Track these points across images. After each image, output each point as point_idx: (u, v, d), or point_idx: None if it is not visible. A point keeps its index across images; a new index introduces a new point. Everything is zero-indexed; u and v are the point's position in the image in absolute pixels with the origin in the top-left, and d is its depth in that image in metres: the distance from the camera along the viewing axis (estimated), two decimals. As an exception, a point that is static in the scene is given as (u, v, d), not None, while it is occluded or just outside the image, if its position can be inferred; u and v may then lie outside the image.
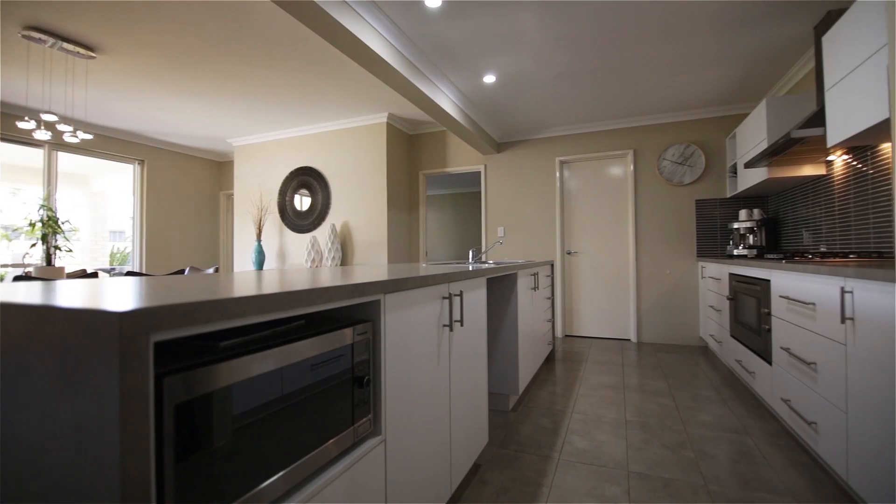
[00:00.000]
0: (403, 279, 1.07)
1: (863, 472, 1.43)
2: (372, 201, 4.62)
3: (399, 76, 2.87)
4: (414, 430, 1.17)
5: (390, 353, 1.05)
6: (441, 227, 8.65)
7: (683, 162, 4.27)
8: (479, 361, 1.74)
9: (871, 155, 2.40)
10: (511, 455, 1.93)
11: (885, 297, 1.30)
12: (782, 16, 2.57)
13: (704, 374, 3.21)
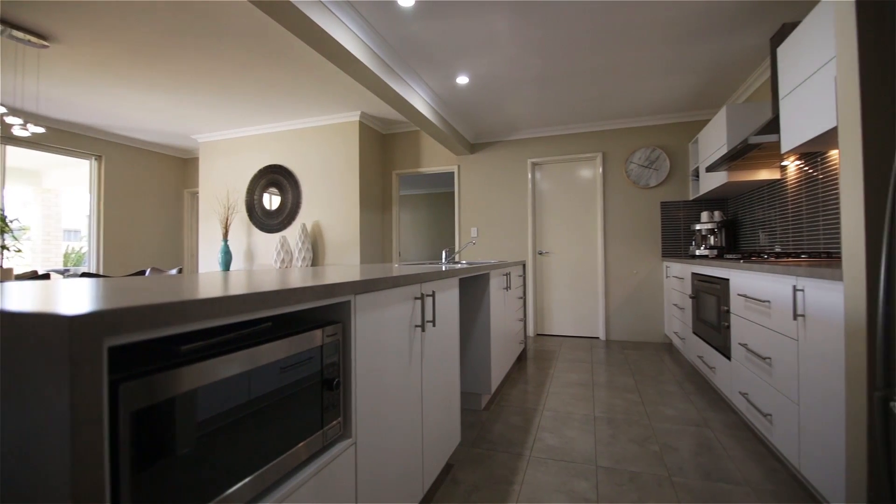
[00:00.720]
0: (374, 280, 1.06)
1: (813, 460, 1.51)
2: (344, 201, 4.56)
3: (372, 75, 2.85)
4: (385, 431, 1.16)
5: (361, 355, 1.04)
6: (414, 228, 8.62)
7: (649, 165, 4.42)
8: (452, 361, 1.75)
9: (821, 161, 2.54)
10: (483, 454, 1.94)
11: (833, 295, 1.38)
12: (741, 27, 2.70)
13: (669, 370, 3.33)
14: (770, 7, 2.48)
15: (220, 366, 0.68)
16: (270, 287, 0.77)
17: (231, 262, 4.77)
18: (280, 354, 0.81)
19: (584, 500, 1.58)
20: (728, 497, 1.60)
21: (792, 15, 2.55)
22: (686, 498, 1.59)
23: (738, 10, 2.50)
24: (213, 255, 5.13)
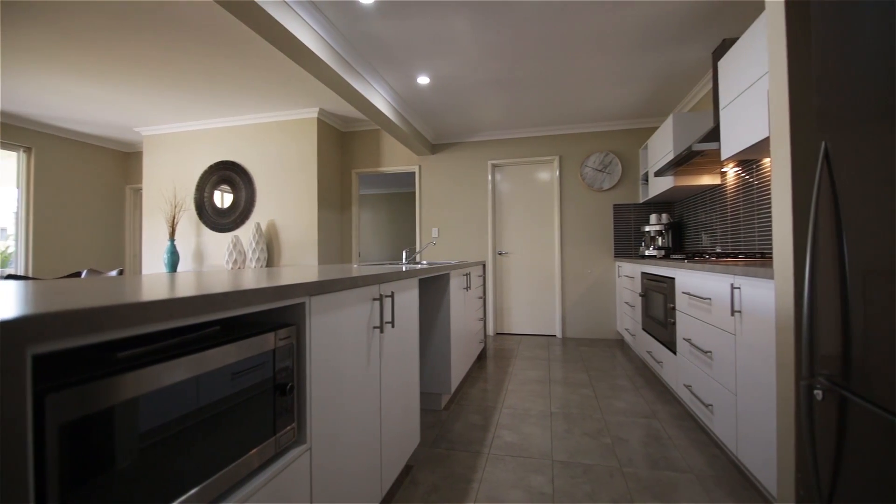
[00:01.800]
0: (330, 281, 1.04)
1: (749, 446, 1.63)
2: (301, 199, 4.43)
3: (330, 71, 2.79)
4: (342, 435, 1.14)
5: (316, 358, 1.02)
6: (375, 228, 8.52)
7: (603, 169, 4.60)
8: (411, 362, 1.74)
9: (756, 168, 2.74)
10: (443, 454, 1.95)
11: (766, 292, 1.49)
12: (686, 41, 2.86)
13: (621, 365, 3.48)
14: (711, 23, 2.65)
15: (162, 373, 0.64)
16: (218, 289, 0.74)
17: (178, 263, 4.51)
18: (228, 360, 0.77)
19: (541, 494, 1.61)
20: (674, 484, 1.69)
21: (731, 31, 2.74)
22: (635, 487, 1.66)
23: (683, 24, 2.65)
24: (159, 256, 4.84)
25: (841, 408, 0.94)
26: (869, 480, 0.87)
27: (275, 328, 0.90)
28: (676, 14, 2.54)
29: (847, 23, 0.92)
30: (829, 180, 0.98)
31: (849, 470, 0.92)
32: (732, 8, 2.48)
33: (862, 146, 0.88)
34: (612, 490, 1.65)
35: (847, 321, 0.92)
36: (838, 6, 0.95)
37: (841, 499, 0.95)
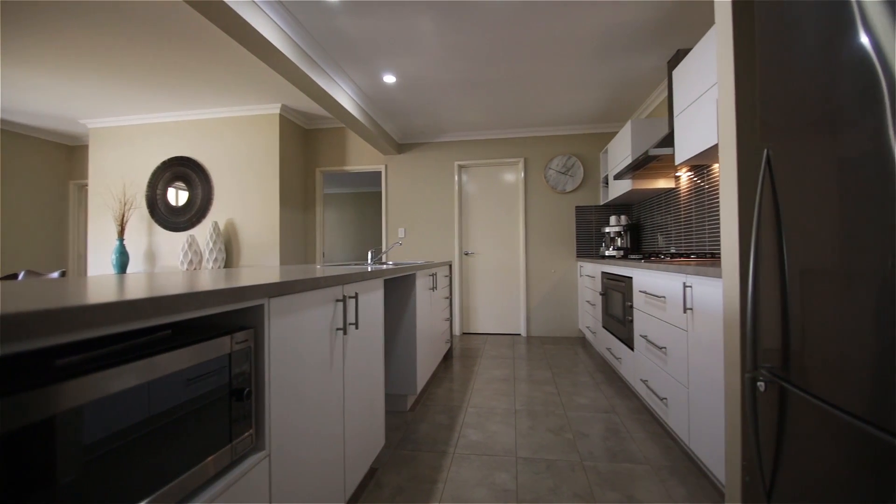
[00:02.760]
0: (291, 282, 1.01)
1: (700, 436, 1.71)
2: (262, 198, 4.29)
3: (293, 67, 2.71)
4: (303, 440, 1.11)
5: (276, 362, 0.99)
6: (340, 227, 8.37)
7: (566, 172, 4.72)
8: (376, 364, 1.72)
9: (706, 173, 2.89)
10: (408, 455, 1.94)
11: (715, 291, 1.57)
12: (643, 49, 2.98)
13: (582, 362, 3.58)
14: (666, 33, 2.77)
15: (106, 380, 0.60)
16: (169, 291, 0.70)
17: (128, 263, 4.26)
18: (180, 365, 0.74)
19: (505, 492, 1.64)
20: (631, 475, 1.75)
21: (685, 42, 2.87)
22: (595, 480, 1.72)
23: (640, 33, 2.76)
24: (106, 257, 4.56)
25: (781, 398, 1.01)
26: (806, 464, 0.93)
27: (231, 331, 0.87)
28: (634, 24, 2.64)
29: (787, 41, 0.99)
30: (770, 185, 1.05)
31: (788, 455, 0.99)
32: (685, 20, 2.61)
33: (800, 153, 0.95)
34: (573, 484, 1.69)
35: (786, 317, 0.99)
36: (779, 26, 1.02)
37: (782, 483, 1.01)
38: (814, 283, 0.89)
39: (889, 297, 0.71)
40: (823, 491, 0.87)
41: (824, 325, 0.86)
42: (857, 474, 0.78)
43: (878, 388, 0.73)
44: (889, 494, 0.71)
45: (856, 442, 0.78)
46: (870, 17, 0.74)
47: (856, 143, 0.78)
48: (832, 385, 0.84)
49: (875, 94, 0.74)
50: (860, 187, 0.77)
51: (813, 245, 0.90)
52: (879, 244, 0.73)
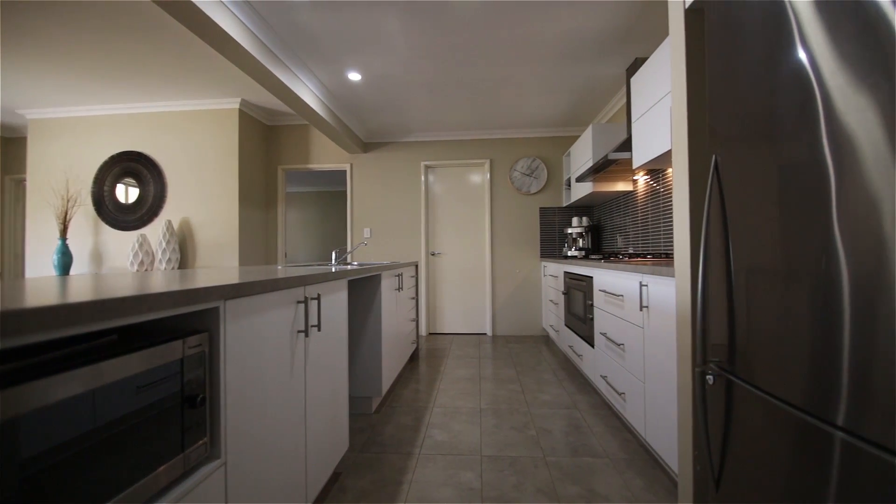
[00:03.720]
0: (249, 283, 0.98)
1: (655, 429, 1.79)
2: (220, 196, 4.13)
3: (254, 62, 2.62)
4: (262, 447, 1.08)
5: (232, 366, 0.95)
6: (304, 227, 8.17)
7: (530, 174, 4.81)
8: (340, 366, 1.69)
9: (662, 177, 3.02)
10: (373, 458, 1.92)
11: (668, 289, 1.65)
12: (604, 57, 3.08)
13: (546, 360, 3.66)
14: (625, 42, 2.87)
15: (42, 390, 0.56)
16: (115, 293, 0.66)
17: (71, 264, 3.99)
18: (127, 372, 0.69)
19: (469, 490, 1.65)
20: (592, 469, 1.81)
21: (643, 50, 2.99)
22: (557, 475, 1.76)
23: (601, 41, 2.85)
24: (47, 257, 4.24)
25: (728, 390, 1.07)
26: (750, 452, 0.99)
27: (184, 336, 0.83)
28: (595, 31, 2.73)
29: (734, 54, 1.05)
30: (718, 190, 1.11)
31: (735, 444, 1.05)
32: (643, 30, 2.72)
33: (745, 161, 1.01)
34: (536, 479, 1.72)
35: (732, 314, 1.05)
36: (727, 39, 1.08)
37: (729, 470, 1.07)
38: (757, 281, 0.95)
39: (823, 294, 0.77)
40: (766, 477, 0.93)
41: (766, 322, 0.92)
42: (797, 460, 0.83)
43: (814, 380, 0.79)
44: (825, 478, 0.76)
45: (795, 430, 0.84)
46: (807, 35, 0.80)
47: (794, 152, 0.84)
48: (773, 377, 0.90)
49: (811, 107, 0.79)
50: (798, 193, 0.83)
51: (756, 246, 0.96)
52: (815, 245, 0.79)
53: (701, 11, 1.34)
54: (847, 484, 0.71)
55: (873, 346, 0.67)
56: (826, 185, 0.76)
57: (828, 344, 0.75)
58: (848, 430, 0.71)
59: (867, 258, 0.68)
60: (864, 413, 0.68)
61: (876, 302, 0.66)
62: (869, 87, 0.67)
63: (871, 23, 0.67)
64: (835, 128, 0.74)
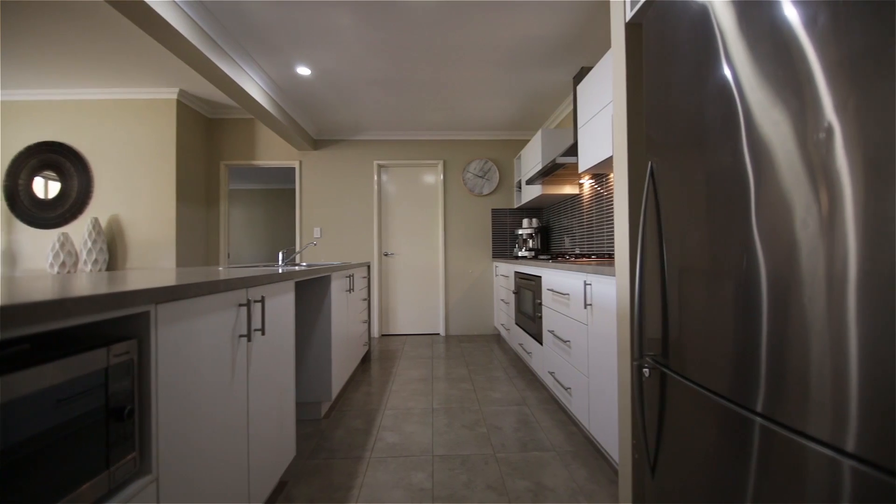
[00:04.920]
0: (183, 286, 0.92)
1: (599, 421, 1.87)
2: (155, 192, 3.85)
3: (194, 51, 2.47)
4: (199, 459, 1.02)
5: (165, 375, 0.89)
6: (249, 227, 7.80)
7: (483, 175, 4.89)
8: (286, 371, 1.63)
9: (605, 181, 3.18)
10: (321, 464, 1.87)
11: (610, 288, 1.73)
12: (552, 64, 3.19)
13: (497, 358, 3.73)
14: (572, 51, 2.99)
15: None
16: (27, 297, 0.60)
17: (-23, 265, 3.57)
18: (40, 384, 0.63)
19: (421, 491, 1.65)
20: (540, 462, 1.86)
21: (588, 60, 3.13)
22: (507, 470, 1.80)
23: (550, 48, 2.95)
24: (-54, 257, 3.77)
25: (662, 382, 1.14)
26: (682, 439, 1.06)
27: (109, 343, 0.77)
28: (545, 38, 2.82)
29: (667, 66, 1.12)
30: (653, 195, 1.18)
31: (668, 433, 1.12)
32: (589, 40, 2.84)
33: (676, 167, 1.08)
34: (487, 476, 1.75)
35: (666, 310, 1.12)
36: (662, 52, 1.15)
37: (663, 457, 1.14)
38: (687, 280, 1.02)
39: (744, 291, 0.83)
40: (695, 461, 1.00)
41: (695, 317, 0.99)
42: (722, 445, 0.90)
43: (736, 370, 0.86)
44: (746, 459, 0.83)
45: (720, 417, 0.91)
46: (731, 53, 0.87)
47: (719, 160, 0.91)
48: (702, 369, 0.97)
49: (734, 119, 0.86)
50: (722, 197, 0.90)
51: (687, 247, 1.03)
52: (736, 246, 0.86)
53: (640, 26, 1.43)
54: (765, 464, 0.78)
55: (786, 338, 0.73)
56: (746, 191, 0.83)
57: (748, 337, 0.82)
58: (766, 415, 0.78)
59: (781, 257, 0.75)
60: (779, 400, 0.75)
61: (789, 298, 0.73)
62: (783, 103, 0.74)
63: (785, 44, 0.74)
64: (754, 138, 0.81)
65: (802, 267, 0.70)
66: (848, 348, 0.62)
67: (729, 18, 0.87)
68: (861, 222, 0.61)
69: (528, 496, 1.62)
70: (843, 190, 0.63)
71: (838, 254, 0.64)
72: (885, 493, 0.58)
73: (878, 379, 0.59)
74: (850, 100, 0.63)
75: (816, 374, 0.68)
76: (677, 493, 1.07)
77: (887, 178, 0.57)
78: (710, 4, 0.93)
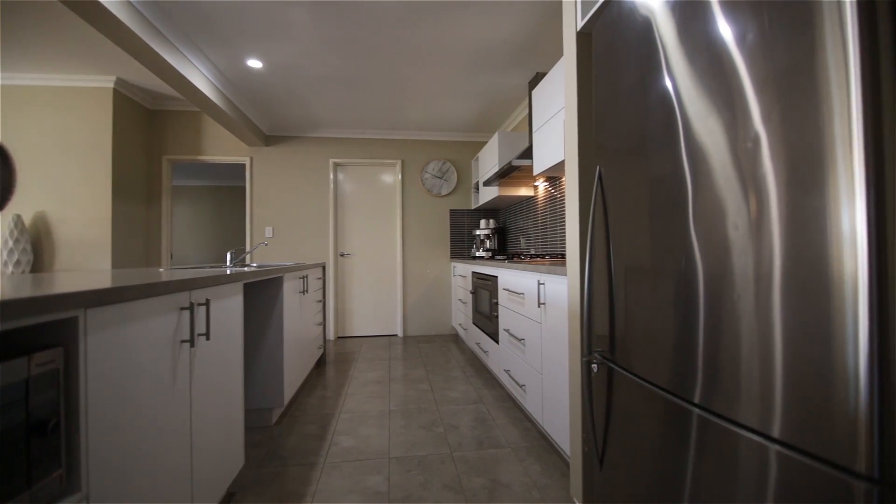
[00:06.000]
0: (117, 289, 0.85)
1: (552, 417, 1.93)
2: (88, 188, 3.56)
3: (134, 38, 2.30)
4: (136, 473, 0.95)
5: (96, 385, 0.82)
6: (196, 226, 7.39)
7: (441, 176, 4.90)
8: (233, 377, 1.56)
9: (558, 183, 3.28)
10: (273, 472, 1.80)
11: (562, 287, 1.79)
12: (509, 68, 3.25)
13: (455, 358, 3.75)
14: (527, 56, 3.06)
15: None
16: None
17: None
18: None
19: (377, 493, 1.62)
20: (496, 459, 1.89)
21: (544, 66, 3.21)
22: (463, 469, 1.81)
23: (507, 52, 3.00)
24: None
25: (609, 377, 1.19)
26: (627, 430, 1.11)
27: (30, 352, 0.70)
28: (502, 43, 2.86)
29: (615, 76, 1.17)
30: (601, 198, 1.23)
31: (615, 425, 1.17)
32: (544, 46, 2.92)
33: (622, 172, 1.13)
34: (443, 476, 1.76)
35: (613, 308, 1.17)
36: (609, 62, 1.20)
37: (611, 448, 1.19)
38: (632, 279, 1.07)
39: (683, 289, 0.89)
40: (640, 451, 1.05)
41: (639, 314, 1.05)
42: (664, 435, 0.96)
43: (676, 364, 0.91)
44: (685, 447, 0.88)
45: (662, 409, 0.96)
46: (672, 64, 0.92)
47: (660, 165, 0.96)
48: (645, 363, 1.02)
49: (673, 127, 0.92)
50: (663, 200, 0.95)
51: (632, 247, 1.08)
52: (677, 247, 0.91)
53: (590, 35, 1.48)
54: (702, 452, 0.84)
55: (720, 333, 0.79)
56: (685, 195, 0.88)
57: (686, 332, 0.88)
58: (702, 406, 0.84)
59: (715, 257, 0.80)
60: (714, 391, 0.81)
61: (722, 295, 0.78)
62: (717, 113, 0.80)
63: (719, 58, 0.79)
64: (692, 146, 0.86)
65: (734, 266, 0.76)
66: (773, 341, 0.68)
67: (670, 31, 0.93)
68: (784, 224, 0.67)
69: (483, 494, 1.64)
70: (768, 194, 0.69)
71: (765, 253, 0.70)
72: (806, 474, 0.63)
73: (800, 369, 0.64)
74: (774, 112, 0.68)
75: (746, 365, 0.73)
76: (624, 483, 1.12)
77: (807, 184, 0.63)
78: (652, 17, 0.99)
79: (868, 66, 0.56)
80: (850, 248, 0.57)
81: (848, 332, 0.57)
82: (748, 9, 0.72)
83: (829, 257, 0.59)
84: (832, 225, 0.59)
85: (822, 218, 0.60)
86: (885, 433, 0.54)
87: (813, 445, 0.62)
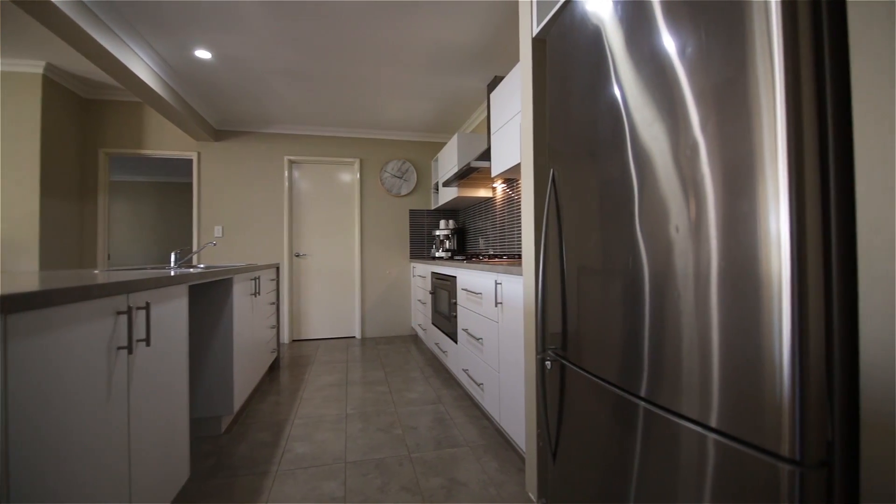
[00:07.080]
0: (44, 292, 0.78)
1: (509, 415, 1.96)
2: (12, 182, 3.25)
3: (67, 21, 2.12)
4: (66, 490, 0.88)
5: (18, 397, 0.75)
6: (137, 224, 6.91)
7: (401, 176, 4.87)
8: (177, 385, 1.47)
9: (516, 185, 3.34)
10: (221, 483, 1.72)
11: (518, 287, 1.82)
12: (468, 70, 3.28)
13: (414, 358, 3.74)
14: (485, 59, 3.10)
15: None
16: None
17: None
18: None
19: (333, 499, 1.59)
20: (454, 458, 1.90)
21: (502, 69, 3.27)
22: (421, 470, 1.81)
23: (465, 55, 3.03)
24: None
25: (562, 373, 1.23)
26: (579, 425, 1.15)
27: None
28: (461, 45, 2.88)
29: (567, 82, 1.21)
30: (554, 200, 1.27)
31: (567, 419, 1.21)
32: (502, 50, 2.97)
33: (574, 175, 1.17)
34: (401, 478, 1.74)
35: (565, 306, 1.21)
36: (562, 69, 1.24)
37: (563, 442, 1.23)
38: (583, 278, 1.11)
39: (631, 288, 0.93)
40: (591, 444, 1.09)
41: (590, 312, 1.08)
42: (613, 428, 0.99)
43: (624, 360, 0.96)
44: (632, 439, 0.92)
45: (611, 403, 1.00)
46: (620, 73, 0.96)
47: (609, 169, 1.00)
48: (596, 360, 1.06)
49: (621, 133, 0.96)
50: (611, 203, 1.00)
51: (583, 248, 1.12)
52: (624, 247, 0.95)
53: (545, 41, 1.52)
54: (647, 443, 0.88)
55: (663, 329, 0.83)
56: (631, 198, 0.92)
57: (633, 329, 0.92)
58: (648, 399, 0.88)
59: (659, 257, 0.84)
60: (658, 384, 0.85)
61: (665, 293, 0.82)
62: (660, 121, 0.84)
63: (662, 69, 0.83)
64: (637, 151, 0.90)
65: (675, 265, 0.80)
66: (710, 336, 0.73)
67: (618, 41, 0.97)
68: (719, 227, 0.71)
69: (441, 493, 1.64)
70: (706, 199, 0.74)
71: (702, 254, 0.74)
72: (739, 460, 0.68)
73: (734, 361, 0.69)
74: (710, 122, 0.73)
75: (687, 359, 0.78)
76: (575, 476, 1.16)
77: (739, 189, 0.68)
78: (602, 26, 1.03)
79: (791, 83, 0.61)
80: (775, 249, 0.62)
81: (774, 326, 0.62)
82: (688, 23, 0.77)
83: (758, 257, 0.64)
84: (761, 227, 0.64)
85: (752, 221, 0.65)
86: (805, 419, 0.59)
87: (745, 433, 0.67)
